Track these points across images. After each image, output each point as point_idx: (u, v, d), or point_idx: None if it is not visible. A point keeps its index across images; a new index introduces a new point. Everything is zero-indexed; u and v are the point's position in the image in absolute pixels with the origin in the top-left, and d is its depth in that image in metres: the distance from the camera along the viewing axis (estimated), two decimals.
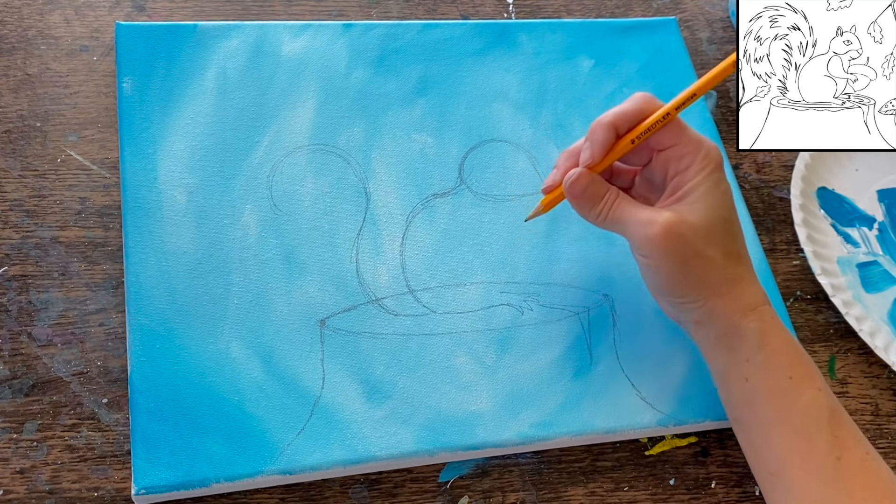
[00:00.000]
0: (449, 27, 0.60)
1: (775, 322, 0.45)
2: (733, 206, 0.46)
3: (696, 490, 0.49)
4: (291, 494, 0.46)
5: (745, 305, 0.45)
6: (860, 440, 0.44)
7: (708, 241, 0.44)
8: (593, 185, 0.46)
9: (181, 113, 0.53)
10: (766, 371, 0.44)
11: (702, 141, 0.46)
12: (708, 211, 0.44)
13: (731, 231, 0.46)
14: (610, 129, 0.46)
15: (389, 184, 0.53)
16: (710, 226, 0.44)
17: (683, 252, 0.44)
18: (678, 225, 0.44)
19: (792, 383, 0.44)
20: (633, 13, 0.67)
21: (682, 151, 0.45)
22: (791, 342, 0.45)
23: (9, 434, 0.45)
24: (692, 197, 0.45)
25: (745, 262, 0.46)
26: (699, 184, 0.45)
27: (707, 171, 0.45)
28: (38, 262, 0.49)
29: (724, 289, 0.45)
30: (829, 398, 0.44)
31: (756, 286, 0.46)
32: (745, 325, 0.45)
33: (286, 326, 0.48)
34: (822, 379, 0.45)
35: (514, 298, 0.51)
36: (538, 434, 0.47)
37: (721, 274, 0.45)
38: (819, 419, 0.43)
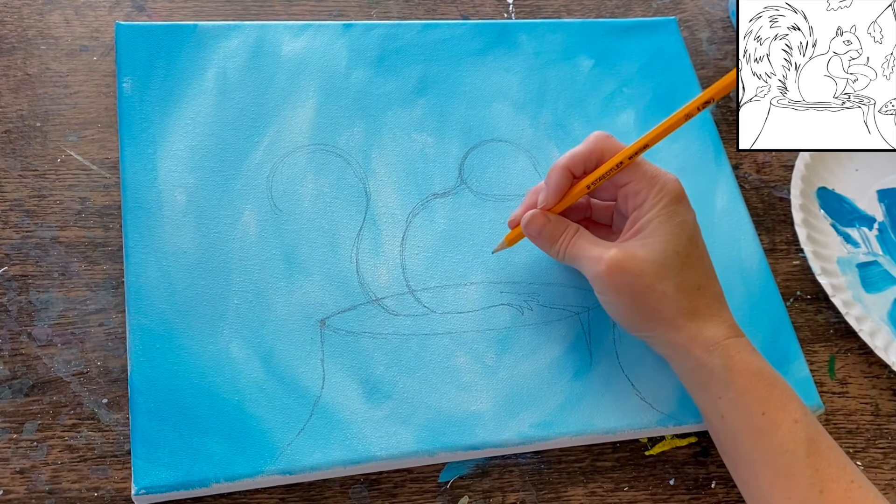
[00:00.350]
0: (449, 27, 0.60)
1: (742, 356, 0.44)
2: (692, 237, 0.46)
3: (696, 490, 0.49)
4: (291, 494, 0.46)
5: (707, 341, 0.44)
6: (843, 468, 0.43)
7: (659, 276, 0.44)
8: (549, 226, 0.48)
9: (181, 113, 0.53)
10: (737, 409, 0.44)
11: (657, 175, 0.46)
12: (660, 245, 0.45)
13: (688, 263, 0.45)
14: (564, 173, 0.47)
15: (389, 184, 0.53)
16: (662, 260, 0.44)
17: (631, 287, 0.45)
18: (624, 261, 0.44)
19: (766, 419, 0.43)
20: (633, 13, 0.67)
21: (637, 187, 0.46)
22: (761, 375, 0.44)
23: (9, 434, 0.45)
24: (646, 231, 0.45)
25: (706, 295, 0.45)
26: (652, 218, 0.45)
27: (661, 205, 0.45)
28: (38, 262, 0.49)
29: (679, 322, 0.45)
30: (807, 428, 0.43)
31: (718, 320, 0.45)
32: (709, 363, 0.44)
33: (286, 326, 0.48)
34: (799, 406, 0.44)
35: (514, 298, 0.51)
36: (538, 434, 0.47)
37: (675, 308, 0.45)
38: (797, 454, 0.42)
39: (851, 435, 0.53)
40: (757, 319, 0.53)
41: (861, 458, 0.52)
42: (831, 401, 0.54)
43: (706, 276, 0.46)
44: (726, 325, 0.45)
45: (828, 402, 0.54)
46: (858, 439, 0.53)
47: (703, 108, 0.44)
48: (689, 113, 0.44)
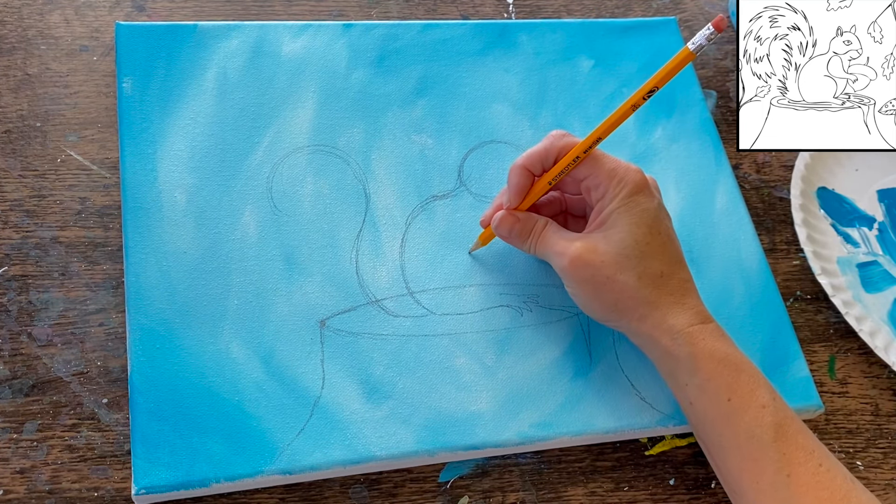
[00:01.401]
0: (449, 27, 0.60)
1: (707, 343, 0.44)
2: (652, 225, 0.45)
3: (696, 490, 0.49)
4: (291, 494, 0.46)
5: (671, 328, 0.45)
6: (811, 452, 0.43)
7: (619, 267, 0.45)
8: (518, 224, 0.48)
9: (181, 113, 0.53)
10: (704, 395, 0.44)
11: (616, 168, 0.46)
12: (619, 235, 0.45)
13: (649, 252, 0.45)
14: (523, 173, 0.47)
15: (389, 185, 0.53)
16: (622, 250, 0.45)
17: (593, 279, 0.45)
18: (586, 253, 0.45)
19: (731, 406, 0.43)
20: (633, 13, 0.67)
21: (597, 181, 0.46)
22: (727, 361, 0.44)
23: (9, 434, 0.45)
24: (608, 223, 0.46)
25: (669, 283, 0.45)
26: (613, 210, 0.46)
27: (621, 196, 0.45)
28: (38, 262, 0.49)
29: (642, 311, 0.45)
30: (775, 413, 0.43)
31: (682, 307, 0.45)
32: (674, 350, 0.44)
33: (286, 327, 0.48)
34: (767, 392, 0.44)
35: (513, 300, 0.51)
36: (538, 434, 0.47)
37: (637, 297, 0.45)
38: (763, 439, 0.42)
39: (851, 435, 0.53)
40: (757, 319, 0.53)
41: (861, 458, 0.52)
42: (831, 401, 0.54)
43: (670, 264, 0.46)
44: (692, 312, 0.45)
45: (828, 402, 0.54)
46: (858, 439, 0.53)
47: (649, 98, 0.44)
48: (636, 103, 0.44)
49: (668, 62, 0.43)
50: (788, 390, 0.51)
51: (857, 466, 0.52)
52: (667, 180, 0.57)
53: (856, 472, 0.52)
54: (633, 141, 0.59)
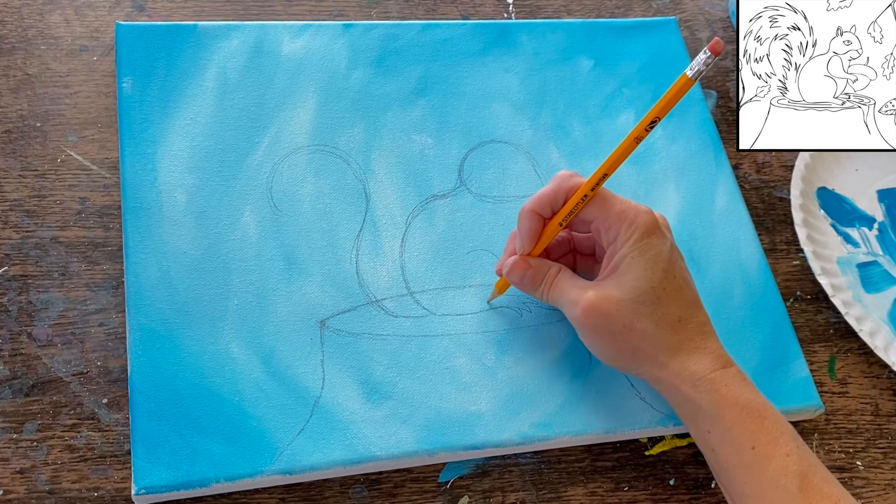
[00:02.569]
0: (449, 27, 0.60)
1: (730, 390, 0.43)
2: (668, 269, 0.44)
3: (696, 490, 0.49)
4: (291, 494, 0.46)
5: (692, 375, 0.44)
6: (837, 501, 0.42)
7: (636, 314, 0.44)
8: (530, 272, 0.47)
9: (181, 113, 0.53)
10: (727, 443, 0.43)
11: (627, 209, 0.45)
12: (634, 282, 0.44)
13: (665, 297, 0.44)
14: (533, 217, 0.46)
15: (389, 185, 0.53)
16: (637, 297, 0.44)
17: (609, 328, 0.44)
18: (600, 302, 0.44)
19: (755, 454, 0.42)
20: (633, 13, 0.67)
21: (608, 223, 0.45)
22: (750, 408, 0.43)
23: (9, 434, 0.45)
24: (621, 269, 0.44)
25: (688, 327, 0.45)
26: (625, 254, 0.44)
27: (633, 240, 0.44)
28: (38, 262, 0.49)
29: (662, 359, 0.44)
30: (800, 461, 0.42)
31: (703, 352, 0.44)
32: (696, 397, 0.43)
33: (286, 327, 0.48)
34: (791, 438, 0.43)
35: (513, 300, 0.51)
36: (538, 434, 0.47)
37: (656, 345, 0.44)
38: (789, 488, 0.41)
39: (851, 435, 0.53)
40: (757, 319, 0.53)
41: (861, 458, 0.52)
42: (831, 401, 0.54)
43: (687, 307, 0.45)
44: (712, 357, 0.44)
45: (828, 402, 0.54)
46: (858, 439, 0.53)
47: (651, 129, 0.43)
48: (639, 136, 0.43)
49: (668, 90, 0.42)
50: (788, 390, 0.51)
51: (857, 466, 0.52)
52: (667, 180, 0.57)
53: (856, 471, 0.52)
54: None
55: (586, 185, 0.45)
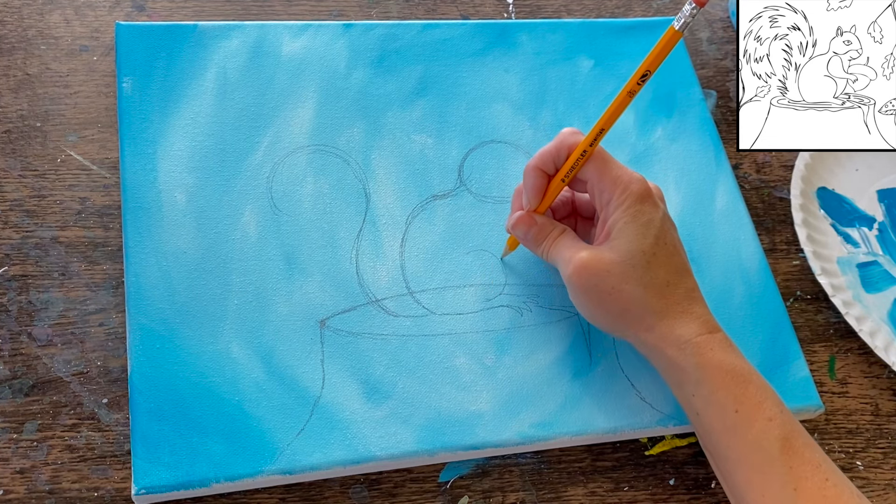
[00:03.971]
0: (449, 27, 0.60)
1: (715, 353, 0.44)
2: (659, 235, 0.45)
3: (696, 490, 0.49)
4: (291, 494, 0.46)
5: (678, 339, 0.44)
6: (818, 466, 0.42)
7: (624, 277, 0.44)
8: (535, 228, 0.48)
9: (181, 113, 0.53)
10: (711, 406, 0.44)
11: (621, 175, 0.46)
12: (625, 245, 0.45)
13: (655, 262, 0.45)
14: (537, 173, 0.47)
15: (389, 185, 0.53)
16: (627, 260, 0.44)
17: (598, 289, 0.45)
18: (591, 263, 0.45)
19: (739, 417, 0.43)
20: (633, 13, 0.67)
21: (602, 186, 0.46)
22: (734, 372, 0.44)
23: (9, 434, 0.45)
24: (614, 232, 0.45)
25: (676, 292, 0.45)
26: (618, 218, 0.45)
27: (626, 206, 0.45)
28: (38, 262, 0.49)
29: (649, 321, 0.45)
30: (782, 426, 0.43)
31: (690, 316, 0.45)
32: (681, 361, 0.44)
33: (286, 327, 0.48)
34: (775, 404, 0.43)
35: (513, 300, 0.51)
36: (538, 434, 0.47)
37: (643, 307, 0.45)
38: (770, 451, 0.42)
39: (851, 435, 0.53)
40: (757, 319, 0.53)
41: (861, 458, 0.52)
42: (831, 401, 0.54)
43: (676, 273, 0.46)
44: (698, 322, 0.45)
45: (828, 402, 0.54)
46: (858, 439, 0.53)
47: (644, 83, 0.44)
48: (632, 90, 0.44)
49: (657, 44, 0.43)
50: (788, 390, 0.51)
51: (857, 466, 0.52)
52: (667, 180, 0.57)
53: (856, 471, 0.52)
54: (633, 141, 0.59)
55: (585, 141, 0.46)
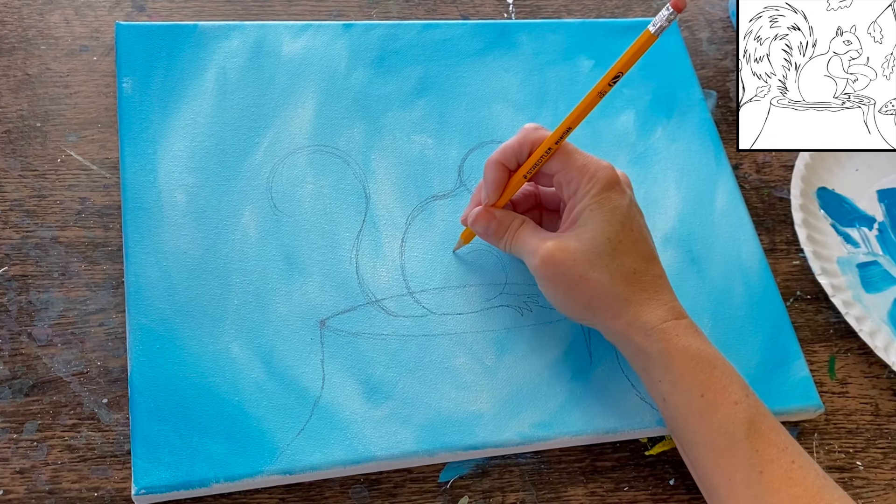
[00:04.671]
0: (449, 27, 0.60)
1: (680, 339, 0.44)
2: (625, 223, 0.45)
3: (696, 490, 0.49)
4: (291, 494, 0.46)
5: (644, 325, 0.44)
6: (784, 449, 0.43)
7: (591, 265, 0.44)
8: (494, 222, 0.48)
9: (181, 113, 0.53)
10: (677, 391, 0.44)
11: (588, 163, 0.46)
12: (591, 233, 0.45)
13: (621, 249, 0.45)
14: (498, 167, 0.47)
15: (389, 185, 0.53)
16: (594, 248, 0.44)
17: (565, 278, 0.45)
18: (557, 252, 0.45)
19: (704, 402, 0.43)
20: (633, 13, 0.67)
21: (569, 176, 0.46)
22: (700, 358, 0.44)
23: (9, 434, 0.45)
24: (580, 220, 0.45)
25: (643, 279, 0.45)
26: (584, 206, 0.45)
27: (592, 193, 0.45)
28: (38, 262, 0.49)
29: (616, 308, 0.45)
30: (748, 409, 0.43)
31: (656, 303, 0.45)
32: (647, 347, 0.44)
33: (286, 327, 0.48)
34: (740, 388, 0.44)
35: (513, 300, 0.51)
36: (538, 434, 0.47)
37: (610, 295, 0.45)
38: (735, 435, 0.42)
39: (851, 435, 0.53)
40: (757, 319, 0.53)
41: (861, 458, 0.52)
42: (831, 401, 0.54)
43: (643, 260, 0.46)
44: (664, 308, 0.45)
45: (828, 402, 0.54)
46: (858, 439, 0.53)
47: (614, 84, 0.44)
48: (602, 90, 0.44)
49: (630, 46, 0.43)
50: (788, 390, 0.51)
51: (857, 466, 0.52)
52: (667, 180, 0.57)
53: (856, 471, 0.52)
54: (633, 141, 0.59)
55: (550, 139, 0.46)
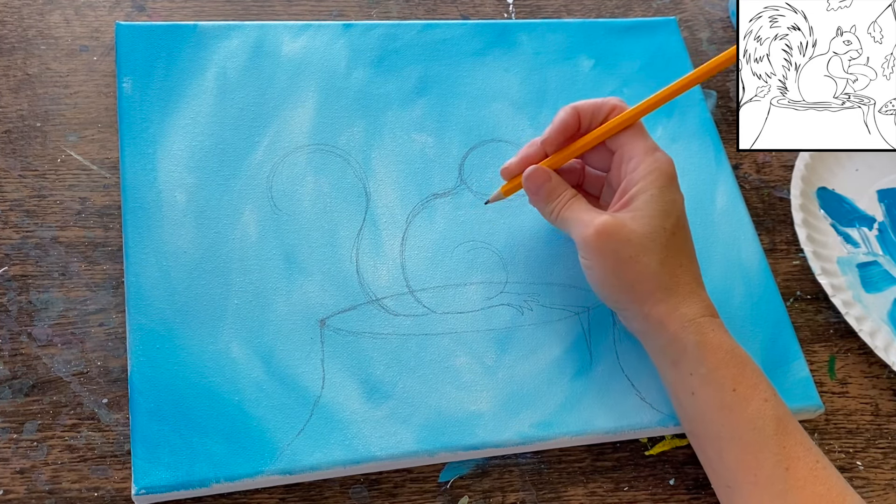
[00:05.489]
0: (449, 27, 0.60)
1: (716, 335, 0.45)
2: (680, 217, 0.46)
3: (696, 490, 0.49)
4: (291, 494, 0.46)
5: (682, 316, 0.45)
6: (809, 448, 0.43)
7: (644, 248, 0.45)
8: (549, 184, 0.48)
9: (181, 113, 0.53)
10: (709, 385, 0.44)
11: (655, 149, 0.47)
12: (649, 219, 0.45)
13: (674, 243, 0.45)
14: (573, 113, 0.48)
15: (389, 184, 0.53)
16: (649, 233, 0.45)
17: (616, 254, 0.45)
18: (613, 227, 0.45)
19: (736, 396, 0.44)
20: (633, 13, 0.68)
21: (632, 152, 0.46)
22: (734, 353, 0.45)
23: (9, 434, 0.45)
24: (637, 203, 0.46)
25: (686, 276, 0.46)
26: (644, 189, 0.45)
27: (653, 178, 0.46)
28: (38, 262, 0.49)
29: (658, 296, 0.45)
30: (776, 407, 0.44)
31: (695, 298, 0.46)
32: (684, 338, 0.45)
33: (286, 326, 0.48)
34: (769, 387, 0.45)
35: (514, 298, 0.51)
36: (538, 434, 0.47)
37: (655, 281, 0.45)
38: (765, 431, 0.43)
39: (851, 435, 0.53)
40: (757, 319, 0.53)
41: (861, 458, 0.52)
42: (831, 401, 0.54)
43: (688, 258, 0.47)
44: (703, 304, 0.46)
45: (828, 402, 0.54)
46: (858, 439, 0.53)
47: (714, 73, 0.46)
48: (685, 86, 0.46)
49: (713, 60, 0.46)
50: (788, 390, 0.51)
51: (857, 466, 0.52)
52: None
53: (856, 471, 0.52)
54: None
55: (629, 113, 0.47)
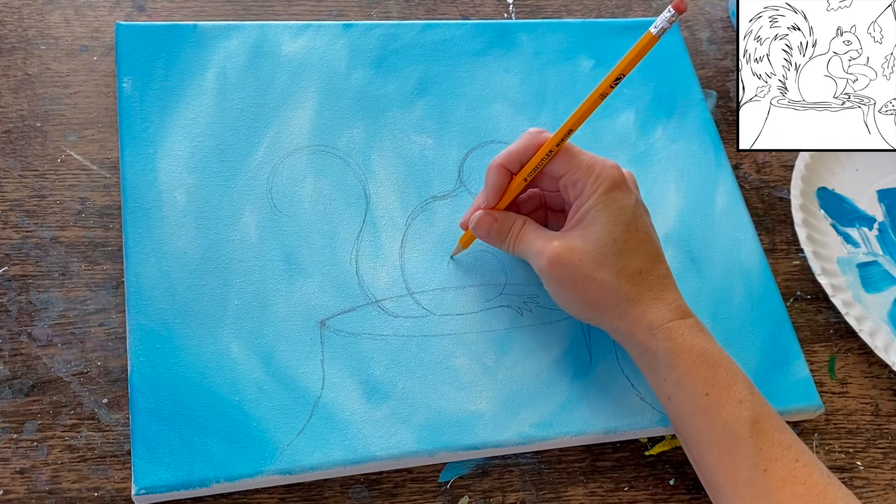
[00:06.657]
0: (449, 27, 0.60)
1: (685, 338, 0.44)
2: (630, 223, 0.45)
3: (696, 490, 0.49)
4: (291, 494, 0.46)
5: (650, 324, 0.45)
6: (788, 447, 0.43)
7: (597, 265, 0.45)
8: (496, 224, 0.48)
9: (181, 113, 0.53)
10: (682, 390, 0.44)
11: (594, 164, 0.46)
12: (598, 233, 0.45)
13: (627, 249, 0.45)
14: (500, 171, 0.48)
15: (389, 186, 0.53)
16: (600, 248, 0.45)
17: (572, 278, 0.45)
18: (563, 252, 0.45)
19: (709, 400, 0.43)
20: (633, 13, 0.67)
21: (575, 177, 0.46)
22: (705, 356, 0.44)
23: (9, 434, 0.45)
24: (585, 220, 0.46)
25: (648, 279, 0.46)
26: (591, 206, 0.45)
27: (599, 193, 0.45)
28: (38, 262, 0.49)
29: (622, 308, 0.45)
30: (752, 408, 0.43)
31: (661, 303, 0.45)
32: (654, 346, 0.44)
33: (286, 327, 0.48)
34: (744, 387, 0.44)
35: (513, 300, 0.51)
36: (538, 434, 0.47)
37: (616, 295, 0.45)
38: (740, 433, 0.43)
39: (851, 435, 0.53)
40: (757, 319, 0.53)
41: (861, 458, 0.52)
42: (831, 401, 0.54)
43: (648, 260, 0.46)
44: (671, 307, 0.45)
45: (828, 402, 0.54)
46: (858, 439, 0.53)
47: (616, 86, 0.44)
48: (604, 92, 0.44)
49: (632, 48, 0.43)
50: (788, 390, 0.51)
51: (857, 466, 0.52)
52: (667, 180, 0.57)
53: (856, 471, 0.52)
54: (634, 141, 0.59)
55: (551, 141, 0.46)
